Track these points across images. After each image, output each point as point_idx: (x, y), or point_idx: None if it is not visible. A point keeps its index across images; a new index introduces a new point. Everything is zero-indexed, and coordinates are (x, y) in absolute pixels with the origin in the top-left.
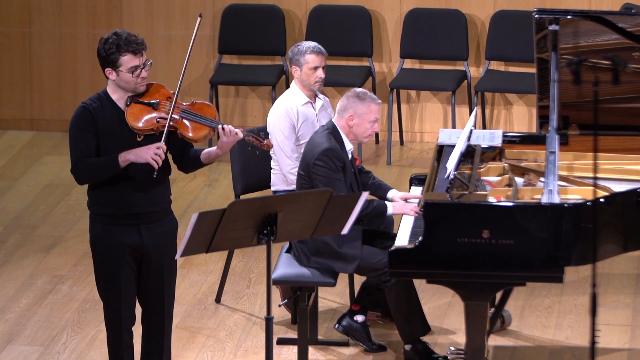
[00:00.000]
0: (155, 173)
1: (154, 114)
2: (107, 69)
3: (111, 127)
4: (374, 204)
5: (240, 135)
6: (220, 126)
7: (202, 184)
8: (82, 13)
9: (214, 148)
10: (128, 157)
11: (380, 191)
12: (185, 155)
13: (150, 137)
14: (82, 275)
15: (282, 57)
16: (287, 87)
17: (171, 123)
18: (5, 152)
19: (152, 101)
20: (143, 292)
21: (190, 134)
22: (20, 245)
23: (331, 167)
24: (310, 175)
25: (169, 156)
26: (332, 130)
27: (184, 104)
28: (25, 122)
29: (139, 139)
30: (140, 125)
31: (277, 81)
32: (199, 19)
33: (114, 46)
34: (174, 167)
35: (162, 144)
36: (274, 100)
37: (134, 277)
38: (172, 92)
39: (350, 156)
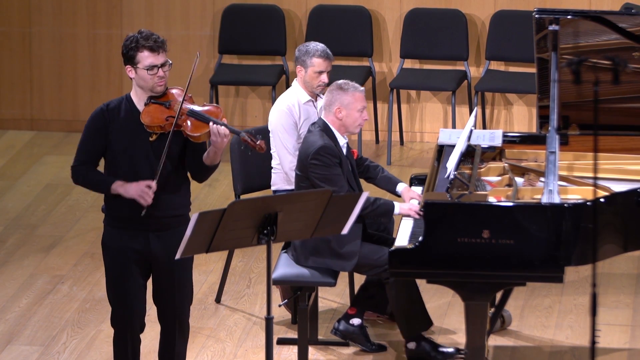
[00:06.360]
0: (143, 212)
1: (165, 113)
2: (127, 67)
3: (126, 127)
4: (380, 201)
5: (227, 133)
6: (210, 122)
7: (202, 184)
8: (82, 13)
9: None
10: (117, 189)
11: (390, 185)
12: (196, 163)
13: (162, 136)
14: (82, 275)
15: (282, 57)
16: (287, 87)
17: (177, 122)
18: (5, 152)
19: (166, 101)
20: (156, 297)
21: (193, 132)
22: (20, 245)
23: (327, 163)
24: (308, 175)
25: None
26: (323, 128)
27: (194, 105)
28: (25, 122)
29: (151, 139)
30: (152, 122)
31: (277, 81)
32: (196, 59)
33: (134, 42)
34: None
35: (153, 183)
36: (274, 100)
37: (143, 282)
38: (189, 95)
39: (345, 150)
